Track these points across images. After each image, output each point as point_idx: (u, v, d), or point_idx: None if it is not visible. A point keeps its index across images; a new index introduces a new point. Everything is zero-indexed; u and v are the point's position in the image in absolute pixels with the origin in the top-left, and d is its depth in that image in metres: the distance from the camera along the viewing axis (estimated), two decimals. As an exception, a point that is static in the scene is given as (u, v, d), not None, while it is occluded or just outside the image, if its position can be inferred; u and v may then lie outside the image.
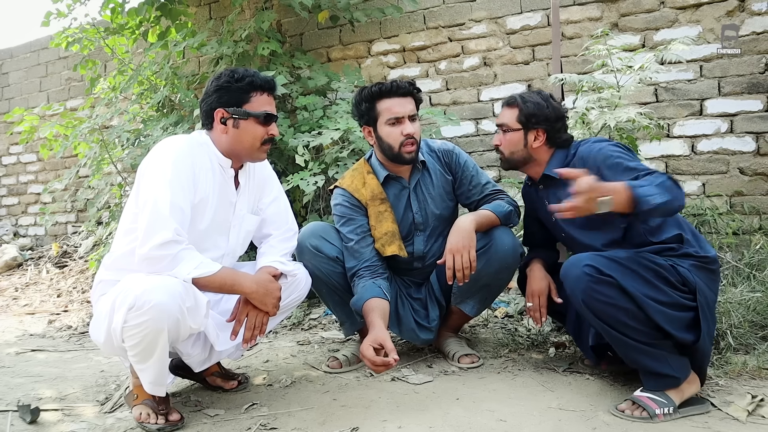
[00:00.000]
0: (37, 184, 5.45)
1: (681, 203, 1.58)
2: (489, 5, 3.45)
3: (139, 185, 1.70)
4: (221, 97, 1.77)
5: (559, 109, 1.97)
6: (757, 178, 2.90)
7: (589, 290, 1.61)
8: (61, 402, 1.99)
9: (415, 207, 2.17)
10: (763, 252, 2.59)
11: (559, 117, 1.95)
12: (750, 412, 1.64)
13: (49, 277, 4.32)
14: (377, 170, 2.18)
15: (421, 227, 2.18)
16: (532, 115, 1.93)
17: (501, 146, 2.00)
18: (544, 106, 1.94)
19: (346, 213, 2.15)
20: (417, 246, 2.19)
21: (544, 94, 1.99)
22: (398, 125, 2.05)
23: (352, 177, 2.19)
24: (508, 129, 1.97)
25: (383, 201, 2.14)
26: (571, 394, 1.84)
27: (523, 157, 1.97)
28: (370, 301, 1.97)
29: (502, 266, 2.08)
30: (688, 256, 1.68)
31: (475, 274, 2.02)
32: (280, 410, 1.84)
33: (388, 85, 2.06)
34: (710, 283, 1.70)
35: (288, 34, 3.98)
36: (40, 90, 5.33)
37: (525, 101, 1.95)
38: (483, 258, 2.04)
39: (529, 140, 1.95)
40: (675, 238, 1.70)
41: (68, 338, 2.95)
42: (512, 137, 1.96)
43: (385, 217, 2.13)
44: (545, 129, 1.93)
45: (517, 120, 1.95)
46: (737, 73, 2.92)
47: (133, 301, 1.55)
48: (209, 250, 1.78)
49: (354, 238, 2.12)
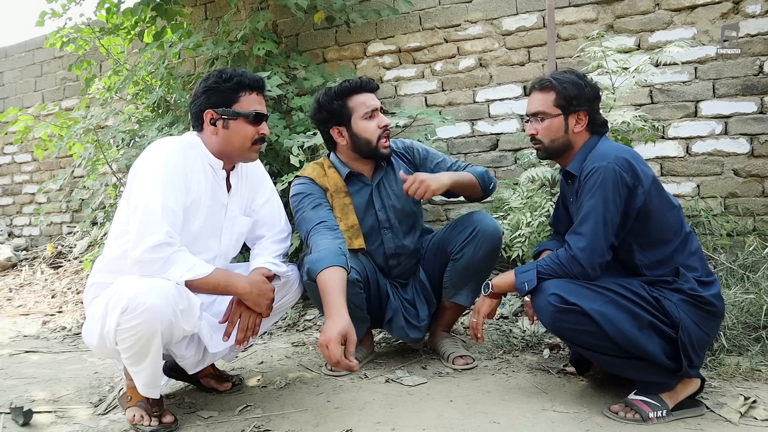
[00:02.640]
0: (32, 184, 5.43)
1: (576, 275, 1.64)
2: (485, 6, 3.45)
3: (130, 188, 1.69)
4: (210, 98, 1.77)
5: (596, 87, 1.80)
6: (751, 179, 2.91)
7: (555, 320, 1.64)
8: (54, 404, 1.98)
9: (377, 204, 2.16)
10: (756, 253, 2.60)
11: (596, 96, 1.79)
12: (742, 414, 1.64)
13: (44, 278, 4.30)
14: (338, 167, 2.17)
15: (386, 224, 2.18)
16: (573, 97, 1.74)
17: (538, 135, 1.80)
18: (582, 86, 1.75)
19: (306, 190, 2.09)
20: (387, 244, 2.19)
21: (577, 72, 1.81)
22: (374, 118, 2.08)
23: (312, 168, 2.18)
24: (546, 116, 1.77)
25: (347, 194, 2.14)
26: (565, 396, 1.84)
27: (564, 143, 1.78)
28: (332, 271, 1.78)
29: (490, 249, 2.11)
30: (680, 291, 1.62)
31: (467, 262, 2.08)
32: (274, 412, 1.83)
33: (358, 81, 2.08)
34: (701, 321, 1.62)
35: (284, 34, 3.97)
36: (35, 89, 5.31)
37: (561, 82, 1.75)
38: (471, 245, 2.08)
39: (570, 125, 1.76)
40: (671, 273, 1.66)
41: (62, 339, 2.95)
42: (552, 123, 1.77)
43: (350, 209, 2.13)
44: (587, 110, 1.76)
45: (554, 104, 1.76)
46: (731, 75, 2.93)
47: (126, 304, 1.54)
48: (201, 252, 1.78)
49: (311, 205, 2.05)
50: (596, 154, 1.72)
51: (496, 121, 3.46)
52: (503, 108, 3.44)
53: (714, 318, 1.66)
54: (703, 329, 1.63)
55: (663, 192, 1.72)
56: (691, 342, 1.60)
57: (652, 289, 1.64)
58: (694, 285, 1.63)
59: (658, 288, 1.64)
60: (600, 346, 1.63)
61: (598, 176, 1.64)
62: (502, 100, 3.44)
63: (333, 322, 1.67)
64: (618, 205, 1.63)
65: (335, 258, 1.81)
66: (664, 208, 1.69)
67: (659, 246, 1.68)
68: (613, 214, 1.63)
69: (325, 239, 1.90)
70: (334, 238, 1.91)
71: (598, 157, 1.69)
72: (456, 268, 2.13)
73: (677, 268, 1.66)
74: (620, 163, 1.64)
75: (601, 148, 1.73)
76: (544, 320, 1.68)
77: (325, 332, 1.65)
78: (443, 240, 2.18)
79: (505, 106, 3.43)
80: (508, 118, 3.43)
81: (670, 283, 1.64)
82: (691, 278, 1.63)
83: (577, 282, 1.65)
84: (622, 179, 1.62)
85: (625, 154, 1.67)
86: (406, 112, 3.08)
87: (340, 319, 1.68)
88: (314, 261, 1.82)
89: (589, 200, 1.65)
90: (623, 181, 1.63)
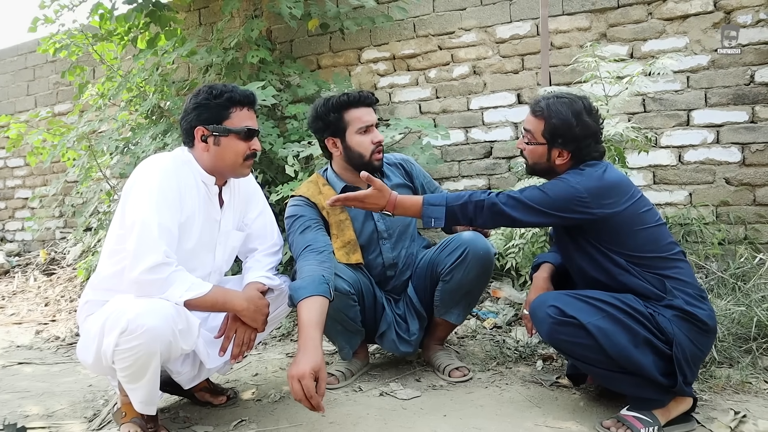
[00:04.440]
0: (24, 189, 5.40)
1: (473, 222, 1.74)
2: (479, 14, 3.45)
3: (124, 206, 1.68)
4: (200, 115, 1.76)
5: (592, 126, 1.74)
6: (743, 188, 2.93)
7: (553, 332, 1.65)
8: (48, 419, 1.98)
9: (376, 215, 2.17)
10: (747, 263, 2.62)
11: (589, 135, 1.73)
12: (732, 429, 1.66)
13: (37, 285, 4.28)
14: (333, 182, 2.17)
15: (385, 235, 2.18)
16: (559, 135, 1.72)
17: (524, 152, 1.83)
18: (572, 125, 1.70)
19: (297, 212, 2.08)
20: (386, 254, 2.19)
21: (576, 106, 1.73)
22: (368, 133, 2.08)
23: (307, 187, 2.18)
24: (532, 140, 1.78)
25: (342, 210, 2.13)
26: (557, 410, 1.85)
27: (546, 169, 1.81)
28: (311, 302, 1.72)
29: (481, 271, 2.10)
30: (673, 308, 1.64)
31: (457, 284, 2.08)
32: (269, 427, 1.84)
33: (356, 95, 2.08)
34: (695, 337, 1.63)
35: (278, 41, 3.97)
36: (27, 94, 5.28)
37: (551, 115, 1.72)
38: (461, 267, 2.07)
39: (553, 156, 1.76)
40: (658, 284, 1.66)
41: (56, 350, 2.94)
42: (535, 150, 1.78)
43: (347, 225, 2.13)
44: (570, 150, 1.74)
45: (541, 133, 1.76)
46: (723, 84, 2.95)
47: (125, 324, 1.53)
48: (197, 269, 1.78)
49: (300, 229, 2.03)
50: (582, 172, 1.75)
51: (490, 128, 3.47)
52: (497, 116, 3.45)
53: (707, 334, 1.67)
54: (697, 345, 1.65)
55: (643, 209, 1.72)
56: (686, 358, 1.62)
57: (647, 305, 1.65)
58: (682, 302, 1.64)
59: (652, 304, 1.66)
60: (595, 359, 1.64)
61: (570, 181, 1.71)
62: (496, 107, 3.45)
63: (306, 356, 1.61)
64: (567, 215, 1.67)
65: (317, 287, 1.76)
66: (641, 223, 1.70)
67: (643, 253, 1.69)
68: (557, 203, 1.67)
69: (310, 265, 1.86)
70: (319, 263, 1.86)
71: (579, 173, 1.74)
72: (446, 289, 2.12)
73: (662, 281, 1.66)
74: (593, 190, 1.68)
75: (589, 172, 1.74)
76: (542, 331, 1.70)
77: (298, 365, 1.59)
78: (433, 261, 2.16)
79: (499, 114, 3.44)
80: (502, 125, 3.44)
81: (661, 300, 1.65)
82: (680, 296, 1.65)
83: (576, 295, 1.66)
84: (583, 201, 1.66)
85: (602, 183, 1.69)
86: (402, 123, 3.08)
87: (315, 353, 1.61)
88: (296, 288, 1.78)
89: (555, 184, 1.70)
90: (584, 203, 1.66)
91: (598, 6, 3.17)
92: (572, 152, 1.75)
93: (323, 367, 1.62)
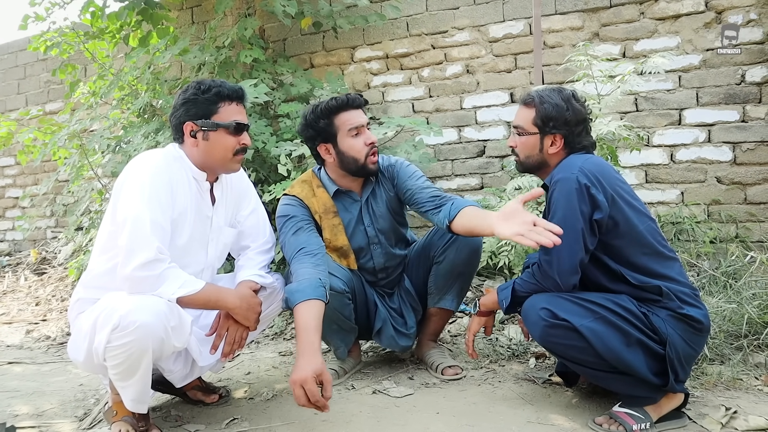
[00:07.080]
0: (15, 188, 5.36)
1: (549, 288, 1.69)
2: (472, 13, 3.46)
3: (116, 203, 1.67)
4: (189, 110, 1.75)
5: (581, 111, 1.77)
6: (734, 187, 2.95)
7: (545, 334, 1.65)
8: (38, 418, 1.96)
9: (366, 220, 2.16)
10: (738, 261, 2.64)
11: (579, 120, 1.76)
12: (723, 424, 1.67)
13: (28, 285, 4.25)
14: (327, 185, 2.16)
15: (376, 240, 2.18)
16: (550, 119, 1.74)
17: (516, 149, 1.84)
18: (563, 108, 1.74)
19: (289, 212, 2.07)
20: (377, 259, 2.19)
21: (565, 93, 1.78)
22: (360, 135, 2.06)
23: (301, 188, 2.16)
24: (524, 132, 1.79)
25: (336, 215, 2.13)
26: (550, 407, 1.86)
27: (538, 162, 1.80)
28: (309, 305, 1.73)
29: (471, 251, 2.12)
30: (667, 308, 1.64)
31: (450, 264, 2.11)
32: (261, 425, 1.83)
33: (343, 99, 2.05)
34: (689, 337, 1.64)
35: (271, 39, 3.96)
36: (18, 92, 5.24)
37: (542, 101, 1.75)
38: (453, 248, 2.10)
39: (545, 145, 1.77)
40: (654, 289, 1.65)
41: (46, 349, 2.92)
42: (527, 141, 1.79)
43: (340, 230, 2.13)
44: (563, 134, 1.75)
45: (533, 122, 1.77)
46: (715, 84, 2.97)
47: (117, 321, 1.52)
48: (190, 266, 1.77)
49: (292, 230, 2.02)
50: (562, 165, 1.72)
51: (483, 127, 3.47)
52: (490, 114, 3.45)
53: (701, 334, 1.67)
54: (690, 345, 1.65)
55: (635, 205, 1.71)
56: (678, 357, 1.62)
57: (641, 305, 1.65)
58: (678, 304, 1.63)
59: (647, 304, 1.65)
60: (588, 361, 1.65)
61: (561, 187, 1.65)
62: (489, 106, 3.45)
63: (307, 361, 1.62)
64: (585, 213, 1.63)
65: (314, 290, 1.76)
66: (636, 221, 1.68)
67: (639, 256, 1.69)
68: (579, 223, 1.62)
69: (305, 268, 1.86)
70: (314, 266, 1.87)
71: (563, 168, 1.70)
72: (440, 272, 2.14)
73: (659, 287, 1.65)
74: (584, 172, 1.64)
75: (569, 159, 1.73)
76: (535, 334, 1.70)
77: (300, 370, 1.60)
78: (426, 245, 2.21)
79: (492, 113, 3.45)
80: (495, 124, 3.44)
81: (657, 302, 1.65)
82: (675, 297, 1.64)
83: (568, 297, 1.66)
84: (585, 188, 1.63)
85: (590, 165, 1.67)
86: (395, 120, 3.08)
87: (315, 358, 1.62)
88: (293, 292, 1.78)
89: (556, 213, 1.66)
90: (587, 190, 1.63)
91: (591, 5, 3.18)
92: (565, 137, 1.75)
93: (325, 370, 1.62)
